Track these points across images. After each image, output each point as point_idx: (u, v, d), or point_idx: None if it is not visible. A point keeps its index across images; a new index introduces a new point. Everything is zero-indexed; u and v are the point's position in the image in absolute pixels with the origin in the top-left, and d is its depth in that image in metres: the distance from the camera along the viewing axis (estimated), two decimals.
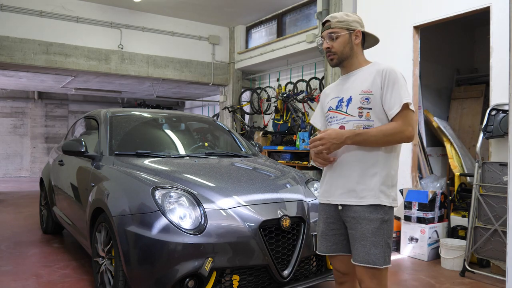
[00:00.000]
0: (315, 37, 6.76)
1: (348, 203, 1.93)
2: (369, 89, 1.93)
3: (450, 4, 4.36)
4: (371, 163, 1.92)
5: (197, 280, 2.45)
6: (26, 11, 6.99)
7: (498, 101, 3.89)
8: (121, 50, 7.85)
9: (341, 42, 1.99)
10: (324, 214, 2.06)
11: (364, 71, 2.01)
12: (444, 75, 6.31)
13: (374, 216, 1.89)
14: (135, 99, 13.73)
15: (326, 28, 2.02)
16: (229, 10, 7.99)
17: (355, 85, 1.99)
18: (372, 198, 1.89)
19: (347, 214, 1.94)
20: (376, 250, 1.86)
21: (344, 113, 1.98)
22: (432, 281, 3.65)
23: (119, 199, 2.79)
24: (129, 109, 4.28)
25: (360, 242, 1.89)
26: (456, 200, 4.66)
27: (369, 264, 1.86)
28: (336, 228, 2.02)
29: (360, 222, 1.89)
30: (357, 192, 1.91)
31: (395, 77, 1.91)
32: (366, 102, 1.92)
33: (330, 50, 2.01)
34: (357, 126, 1.92)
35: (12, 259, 3.99)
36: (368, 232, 1.87)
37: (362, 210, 1.90)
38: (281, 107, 7.95)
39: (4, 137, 13.01)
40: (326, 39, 2.02)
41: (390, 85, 1.91)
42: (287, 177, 3.32)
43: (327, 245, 2.05)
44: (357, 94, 1.95)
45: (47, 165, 5.20)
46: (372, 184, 1.90)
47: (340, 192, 1.96)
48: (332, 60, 2.03)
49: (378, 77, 1.93)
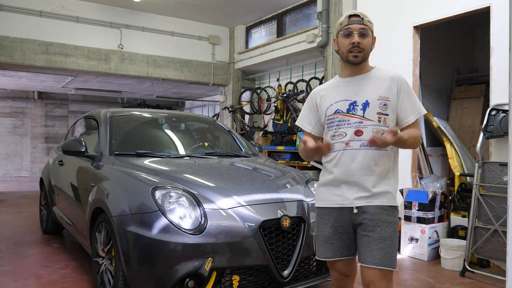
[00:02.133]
0: (315, 37, 6.76)
1: (369, 203, 1.92)
2: (386, 96, 1.94)
3: (450, 4, 4.36)
4: (387, 166, 1.95)
5: (197, 280, 2.45)
6: (26, 11, 6.99)
7: (498, 101, 3.89)
8: (121, 50, 7.85)
9: (369, 42, 1.96)
10: (331, 218, 2.00)
11: (375, 76, 2.00)
12: (444, 75, 6.31)
13: (392, 219, 1.92)
14: (135, 99, 13.73)
15: (358, 22, 1.94)
16: (229, 10, 7.99)
17: (369, 89, 1.96)
18: (392, 200, 1.95)
19: (364, 216, 1.92)
20: (393, 253, 1.89)
21: (360, 117, 1.93)
22: (432, 281, 3.65)
23: (119, 199, 2.78)
24: (129, 109, 4.28)
25: (378, 244, 1.87)
26: (456, 200, 4.66)
27: (386, 266, 1.86)
28: (343, 232, 1.99)
29: (379, 224, 1.89)
30: (376, 195, 1.93)
31: (408, 86, 1.98)
32: (384, 108, 1.93)
33: (359, 46, 1.93)
34: (377, 131, 1.91)
35: (12, 259, 3.99)
36: (387, 234, 1.89)
37: (380, 213, 1.91)
38: (281, 107, 7.95)
39: (4, 137, 13.01)
40: (356, 33, 1.93)
41: (406, 93, 1.96)
42: (287, 177, 3.32)
43: (333, 250, 2.00)
44: (375, 99, 1.93)
45: (47, 165, 5.20)
46: (390, 188, 1.95)
47: (356, 196, 1.94)
48: (356, 57, 1.95)
49: (394, 84, 1.96)
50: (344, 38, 1.96)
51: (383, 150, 1.93)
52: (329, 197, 2.01)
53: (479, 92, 5.93)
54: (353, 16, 1.96)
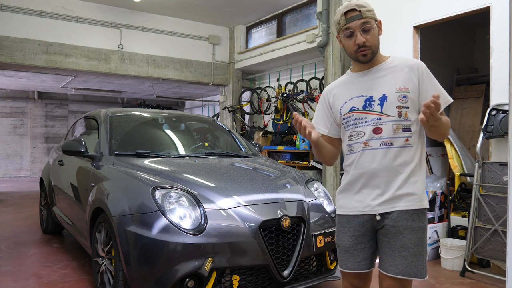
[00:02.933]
0: (315, 37, 6.76)
1: (394, 209, 1.76)
2: (406, 87, 1.76)
3: (450, 4, 4.36)
4: (412, 165, 1.77)
5: (197, 280, 2.45)
6: (26, 11, 6.98)
7: (498, 101, 3.89)
8: (121, 50, 7.85)
9: (374, 34, 1.77)
10: (351, 226, 1.84)
11: (390, 66, 1.82)
12: (444, 75, 6.30)
13: (416, 224, 1.76)
14: (135, 99, 13.72)
15: (356, 18, 1.75)
16: (229, 10, 7.99)
17: (386, 82, 1.79)
18: (418, 202, 1.77)
19: (386, 222, 1.77)
20: (418, 262, 1.74)
21: (378, 113, 1.76)
22: (432, 281, 3.65)
23: (119, 199, 2.78)
24: (129, 109, 4.28)
25: (400, 252, 1.73)
26: (456, 200, 4.66)
27: (411, 276, 1.72)
28: (365, 241, 1.83)
29: (401, 231, 1.74)
30: (405, 197, 1.76)
31: (429, 73, 1.79)
32: (404, 101, 1.75)
33: (365, 45, 1.75)
34: (397, 127, 1.75)
35: (12, 259, 3.99)
36: (410, 242, 1.74)
37: (404, 218, 1.75)
38: (281, 107, 7.95)
39: (4, 137, 13.01)
40: (358, 32, 1.75)
41: (428, 81, 1.78)
42: (287, 177, 3.32)
43: (354, 261, 1.84)
44: (393, 92, 1.76)
45: (47, 165, 5.20)
46: (416, 189, 1.77)
47: (384, 199, 1.77)
48: (365, 56, 1.78)
49: (413, 74, 1.77)
50: (348, 39, 1.78)
51: (407, 147, 1.76)
52: (349, 203, 1.86)
53: (479, 92, 5.93)
54: (349, 12, 1.76)
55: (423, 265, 1.75)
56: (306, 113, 7.51)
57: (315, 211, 2.95)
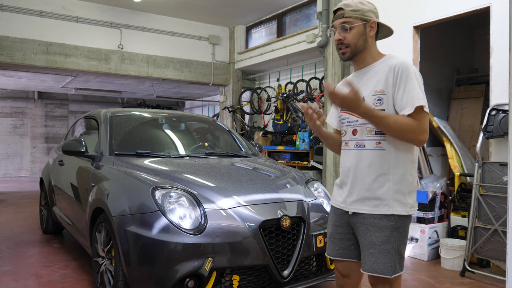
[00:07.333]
0: (315, 37, 6.76)
1: (360, 211, 1.82)
2: (382, 89, 1.78)
3: (450, 4, 4.36)
4: (382, 169, 1.78)
5: (197, 280, 2.45)
6: (26, 11, 6.98)
7: (498, 101, 3.89)
8: (121, 50, 7.85)
9: (355, 33, 1.80)
10: (334, 217, 1.98)
11: (377, 68, 1.84)
12: (444, 75, 6.30)
13: (384, 223, 1.76)
14: (135, 99, 13.73)
15: (339, 17, 1.82)
16: (229, 10, 7.99)
17: (368, 84, 1.83)
18: (385, 207, 1.77)
19: (357, 219, 1.84)
20: (385, 259, 1.75)
21: (357, 115, 1.81)
22: (432, 281, 3.65)
23: (119, 199, 2.78)
24: (129, 109, 4.28)
25: (368, 250, 1.78)
26: (456, 200, 4.66)
27: (377, 273, 1.76)
28: (343, 232, 1.93)
29: (369, 229, 1.79)
30: (369, 201, 1.79)
31: (407, 74, 1.74)
32: (379, 104, 1.77)
33: (342, 42, 1.82)
34: (370, 129, 1.79)
35: (12, 259, 3.99)
36: (377, 240, 1.76)
37: (372, 217, 1.79)
38: (281, 107, 7.95)
39: (4, 137, 13.01)
40: (338, 30, 1.82)
41: (402, 83, 1.74)
42: (287, 177, 3.32)
43: (334, 249, 1.98)
44: (370, 95, 1.80)
45: (47, 165, 5.20)
46: (383, 193, 1.77)
47: (353, 199, 1.85)
48: (344, 54, 1.84)
49: (390, 74, 1.77)
50: (334, 36, 1.87)
51: (379, 151, 1.78)
52: (335, 196, 2.01)
53: (479, 92, 5.93)
54: (336, 11, 1.85)
55: (390, 262, 1.77)
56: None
57: (315, 211, 2.95)
